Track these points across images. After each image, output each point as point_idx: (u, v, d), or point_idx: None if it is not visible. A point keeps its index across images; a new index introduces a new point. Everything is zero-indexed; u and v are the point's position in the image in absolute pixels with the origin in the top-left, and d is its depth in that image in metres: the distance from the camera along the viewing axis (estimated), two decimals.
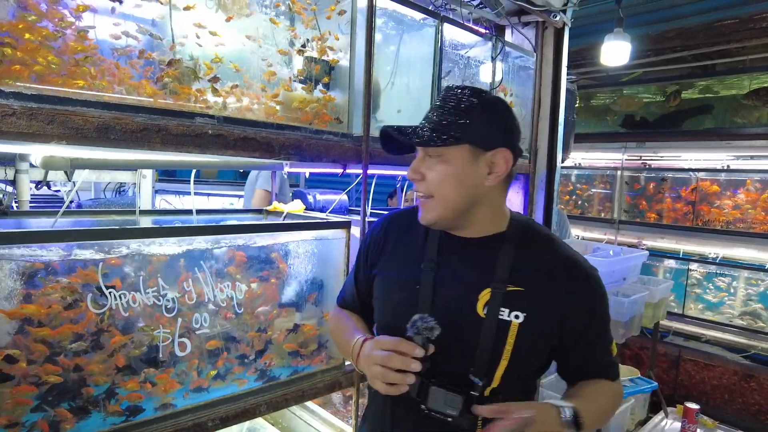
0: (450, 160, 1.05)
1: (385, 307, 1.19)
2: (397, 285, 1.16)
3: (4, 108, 1.07)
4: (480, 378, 1.03)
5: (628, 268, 2.57)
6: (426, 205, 1.08)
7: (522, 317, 1.04)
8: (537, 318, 1.05)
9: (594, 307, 1.11)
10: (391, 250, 1.21)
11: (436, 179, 1.06)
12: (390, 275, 1.19)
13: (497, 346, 1.04)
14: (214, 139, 1.40)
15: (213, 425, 1.46)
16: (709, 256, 4.50)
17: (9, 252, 1.11)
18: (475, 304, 1.07)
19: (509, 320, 1.04)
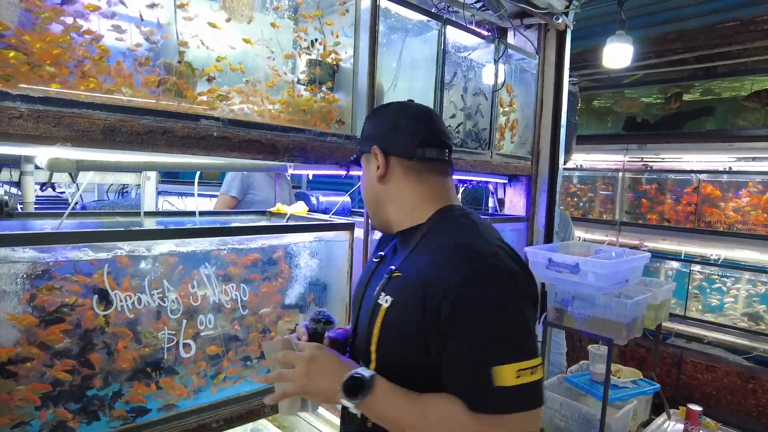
0: (367, 166, 1.17)
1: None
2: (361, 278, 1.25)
3: (11, 110, 1.08)
4: (364, 360, 1.06)
5: (630, 269, 2.57)
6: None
7: (390, 301, 1.02)
8: (402, 301, 0.99)
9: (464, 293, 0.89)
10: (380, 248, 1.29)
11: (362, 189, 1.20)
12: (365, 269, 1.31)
13: (370, 329, 1.04)
14: (219, 141, 1.40)
15: (217, 426, 1.46)
16: (711, 258, 4.50)
17: (15, 254, 1.12)
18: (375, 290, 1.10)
19: (381, 303, 1.03)
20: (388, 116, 1.15)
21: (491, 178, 2.70)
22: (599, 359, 2.44)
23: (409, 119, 1.12)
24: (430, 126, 1.12)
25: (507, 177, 2.76)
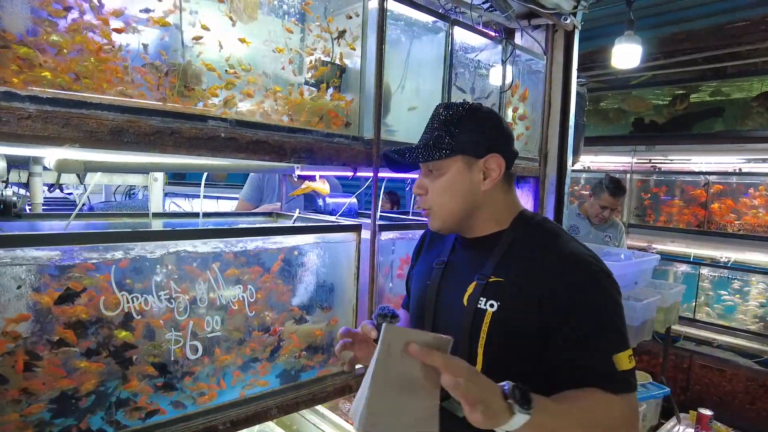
0: (446, 173, 1.13)
1: (411, 301, 1.34)
2: (420, 281, 1.29)
3: (20, 111, 1.08)
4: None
5: (639, 272, 2.55)
6: (429, 216, 1.19)
7: (496, 306, 1.05)
8: (511, 305, 1.04)
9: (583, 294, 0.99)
10: (424, 251, 1.36)
11: (434, 192, 1.15)
12: (418, 273, 1.33)
13: (474, 335, 1.07)
14: (227, 143, 1.40)
15: (224, 428, 1.45)
16: (720, 260, 4.46)
17: (23, 254, 1.12)
18: (462, 296, 1.12)
19: (485, 309, 1.06)
20: (494, 121, 1.15)
21: None
22: None
23: (504, 125, 1.18)
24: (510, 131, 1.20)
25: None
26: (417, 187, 1.19)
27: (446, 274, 1.20)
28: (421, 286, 1.26)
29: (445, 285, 1.19)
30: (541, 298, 1.01)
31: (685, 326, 4.13)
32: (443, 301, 1.18)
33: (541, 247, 1.09)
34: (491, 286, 1.08)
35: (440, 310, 1.18)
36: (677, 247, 4.71)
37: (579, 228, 3.61)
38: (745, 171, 4.44)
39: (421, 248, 1.39)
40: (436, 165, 1.14)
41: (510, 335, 1.04)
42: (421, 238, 1.44)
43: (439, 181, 1.14)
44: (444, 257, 1.23)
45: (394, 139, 1.89)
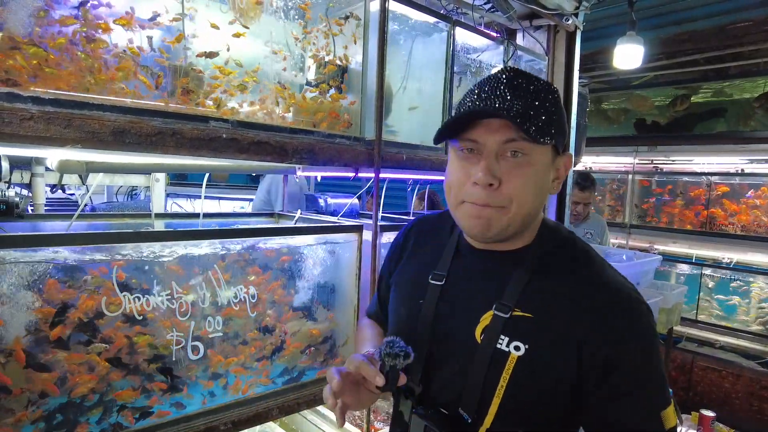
0: (535, 162, 0.85)
1: (393, 321, 1.07)
2: (405, 298, 1.04)
3: (22, 112, 1.08)
4: (470, 414, 0.87)
5: (641, 272, 2.55)
6: (494, 216, 0.86)
7: (523, 349, 0.84)
8: (543, 352, 0.84)
9: (634, 341, 0.82)
10: (407, 257, 1.09)
11: (519, 185, 0.84)
12: (401, 285, 1.07)
13: (490, 380, 0.85)
14: (228, 143, 1.40)
15: (225, 429, 1.46)
16: (722, 261, 4.45)
17: (25, 255, 1.12)
18: (474, 328, 0.89)
19: (507, 351, 0.85)
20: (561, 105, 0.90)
21: None
22: None
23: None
24: None
25: None
26: (489, 176, 0.83)
27: (446, 293, 0.96)
28: (408, 303, 1.01)
29: (444, 307, 0.95)
30: (581, 343, 0.82)
31: (687, 327, 4.12)
32: (441, 329, 0.94)
33: (576, 274, 0.89)
34: (516, 322, 0.86)
35: (437, 339, 0.93)
36: (679, 248, 4.70)
37: None
38: (747, 172, 4.43)
39: (404, 248, 1.11)
40: (525, 147, 0.83)
41: (539, 387, 0.85)
42: (403, 234, 1.14)
43: (527, 171, 0.84)
44: (443, 270, 0.97)
45: (395, 140, 1.89)
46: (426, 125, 2.06)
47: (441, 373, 0.92)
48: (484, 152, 0.85)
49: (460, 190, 0.88)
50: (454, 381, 0.91)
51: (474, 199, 0.86)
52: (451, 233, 1.03)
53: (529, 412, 0.86)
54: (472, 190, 0.86)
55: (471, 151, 0.87)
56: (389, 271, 1.14)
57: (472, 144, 0.86)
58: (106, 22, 1.22)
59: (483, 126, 0.84)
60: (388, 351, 0.85)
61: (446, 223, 1.06)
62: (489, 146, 0.84)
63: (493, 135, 0.84)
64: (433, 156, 2.02)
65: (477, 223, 0.87)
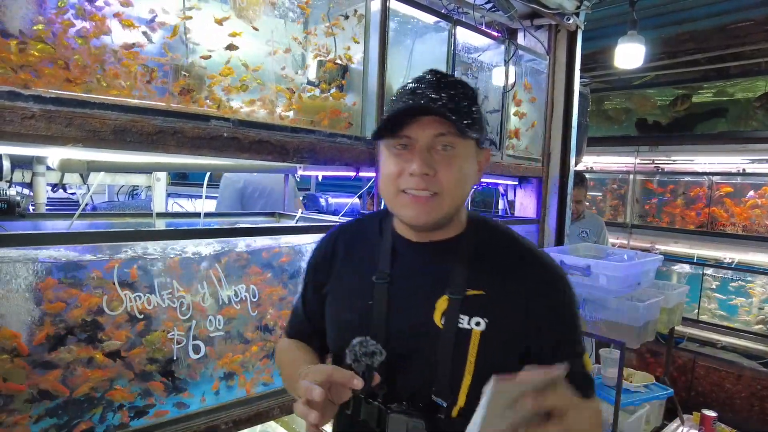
0: (462, 155, 0.93)
1: (336, 329, 1.05)
2: (348, 303, 1.03)
3: (24, 111, 1.08)
4: (444, 398, 0.91)
5: (642, 272, 2.54)
6: (429, 204, 0.92)
7: (483, 324, 0.92)
8: (501, 322, 0.92)
9: (562, 307, 0.97)
10: (340, 265, 1.07)
11: (450, 175, 0.91)
12: (340, 293, 1.06)
13: (457, 359, 0.91)
14: (229, 142, 1.40)
15: (226, 428, 1.45)
16: (724, 261, 4.44)
17: (27, 253, 1.12)
18: (432, 315, 0.94)
19: (469, 328, 0.91)
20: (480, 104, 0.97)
21: (501, 179, 2.68)
22: (611, 363, 2.41)
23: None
24: None
25: (517, 179, 2.74)
26: (426, 166, 0.90)
27: (394, 291, 0.98)
28: (354, 307, 1.00)
29: (396, 304, 0.97)
30: (527, 317, 0.93)
31: (688, 327, 4.11)
32: (397, 325, 0.96)
33: (507, 252, 0.99)
34: (471, 301, 0.93)
35: (394, 334, 0.95)
36: (681, 248, 4.69)
37: None
38: (749, 171, 4.42)
39: (334, 257, 1.09)
40: (454, 141, 0.91)
41: (504, 356, 0.93)
42: (329, 244, 1.11)
43: (456, 161, 0.92)
44: (385, 269, 1.00)
45: None
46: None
47: (405, 369, 0.94)
48: (416, 147, 0.92)
49: (396, 182, 0.94)
50: (422, 372, 0.93)
51: (412, 187, 0.92)
52: (381, 235, 1.05)
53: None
54: (409, 180, 0.92)
55: (404, 147, 0.93)
56: (319, 282, 1.10)
57: (405, 140, 0.92)
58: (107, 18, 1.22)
59: (415, 123, 0.91)
60: (364, 350, 0.85)
61: (371, 227, 1.08)
62: (422, 141, 0.91)
63: (425, 130, 0.91)
64: None
65: (417, 209, 0.93)
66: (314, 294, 1.11)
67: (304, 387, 0.80)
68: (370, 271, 1.01)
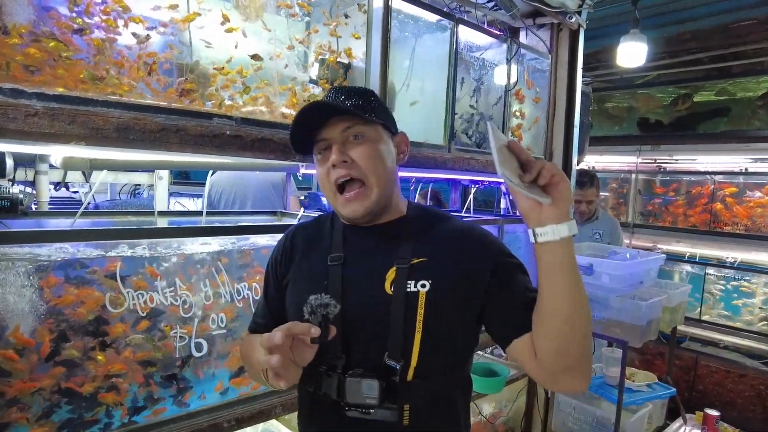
0: (373, 139, 1.05)
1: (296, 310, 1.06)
2: (306, 285, 1.10)
3: (27, 108, 1.09)
4: (397, 360, 0.99)
5: (645, 271, 2.54)
6: (360, 194, 1.04)
7: (428, 285, 1.02)
8: (443, 282, 1.03)
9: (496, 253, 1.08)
10: (299, 258, 1.16)
11: (365, 157, 1.03)
12: (300, 279, 1.14)
13: (408, 320, 1.00)
14: (232, 140, 1.40)
15: (229, 426, 1.45)
16: (726, 261, 4.43)
17: (29, 251, 1.12)
18: (383, 285, 1.03)
19: (416, 290, 1.01)
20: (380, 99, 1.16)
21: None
22: (613, 362, 2.41)
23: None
24: None
25: None
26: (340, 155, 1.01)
27: (348, 270, 1.07)
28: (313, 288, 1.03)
29: (350, 281, 1.06)
30: (469, 275, 1.04)
31: (691, 327, 4.10)
32: (352, 299, 1.03)
33: (445, 225, 1.12)
34: (416, 268, 1.03)
35: (349, 308, 1.02)
36: (683, 248, 4.68)
37: None
38: (751, 171, 4.41)
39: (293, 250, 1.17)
40: (361, 130, 1.04)
41: (448, 311, 1.03)
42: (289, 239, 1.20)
43: (369, 146, 1.04)
44: (338, 252, 1.09)
45: None
46: (429, 122, 2.06)
47: (360, 338, 1.03)
48: (332, 145, 1.04)
49: (327, 180, 1.06)
50: (377, 339, 1.02)
51: (338, 176, 1.03)
52: (332, 228, 1.17)
53: (445, 343, 1.04)
54: (334, 173, 1.03)
55: (325, 150, 1.05)
56: (280, 274, 1.18)
57: (323, 143, 1.05)
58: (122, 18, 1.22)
59: (327, 127, 1.04)
60: (319, 302, 0.91)
61: (324, 223, 1.20)
62: (334, 137, 1.04)
63: (335, 128, 1.03)
64: (437, 154, 2.02)
65: (351, 204, 1.05)
66: (275, 289, 1.18)
67: (265, 339, 0.87)
68: (326, 257, 1.10)
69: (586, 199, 3.37)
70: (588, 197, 3.37)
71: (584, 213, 3.43)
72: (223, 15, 1.41)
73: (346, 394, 0.98)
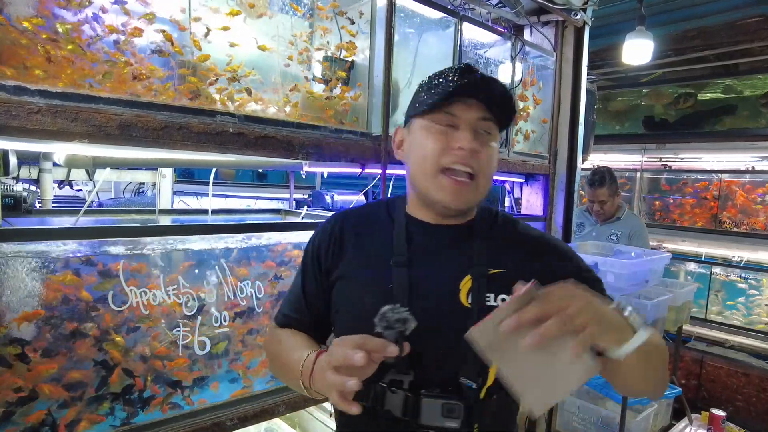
0: (494, 140, 0.97)
1: (353, 316, 1.00)
2: (367, 287, 0.99)
3: (30, 105, 1.08)
4: (473, 379, 0.90)
5: (650, 270, 2.52)
6: (467, 188, 0.94)
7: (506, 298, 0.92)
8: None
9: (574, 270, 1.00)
10: (352, 251, 1.03)
11: (488, 157, 0.94)
12: (357, 278, 1.01)
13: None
14: (235, 138, 1.40)
15: (231, 425, 1.45)
16: (732, 260, 4.40)
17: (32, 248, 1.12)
18: (458, 294, 0.94)
19: (496, 305, 0.93)
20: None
21: (508, 176, 2.66)
22: None
23: None
24: None
25: (524, 176, 2.73)
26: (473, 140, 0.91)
27: (414, 274, 0.97)
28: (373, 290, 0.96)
29: (417, 285, 0.95)
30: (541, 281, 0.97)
31: (696, 326, 4.08)
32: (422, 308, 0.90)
33: (517, 232, 1.06)
34: (494, 279, 0.94)
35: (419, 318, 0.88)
36: (689, 247, 4.65)
37: (584, 225, 3.47)
38: (758, 169, 4.38)
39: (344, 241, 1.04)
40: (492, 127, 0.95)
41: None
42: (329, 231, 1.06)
43: (492, 149, 0.95)
44: (402, 254, 0.98)
45: None
46: None
47: (430, 352, 0.92)
48: (461, 126, 0.93)
49: (439, 157, 0.93)
50: (450, 354, 0.92)
51: (457, 161, 0.92)
52: (392, 221, 1.04)
53: None
54: (455, 155, 0.92)
55: (448, 126, 0.93)
56: (324, 268, 1.04)
57: (449, 119, 0.93)
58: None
59: (460, 103, 0.92)
60: (397, 316, 0.80)
61: (377, 213, 1.07)
62: (468, 120, 0.92)
63: (471, 111, 0.92)
64: None
65: (456, 192, 0.94)
66: (318, 282, 1.05)
67: (340, 355, 0.78)
68: (385, 255, 0.99)
69: (598, 200, 3.25)
70: (599, 197, 3.24)
71: (600, 213, 3.30)
72: (232, 10, 1.40)
73: (422, 415, 0.89)
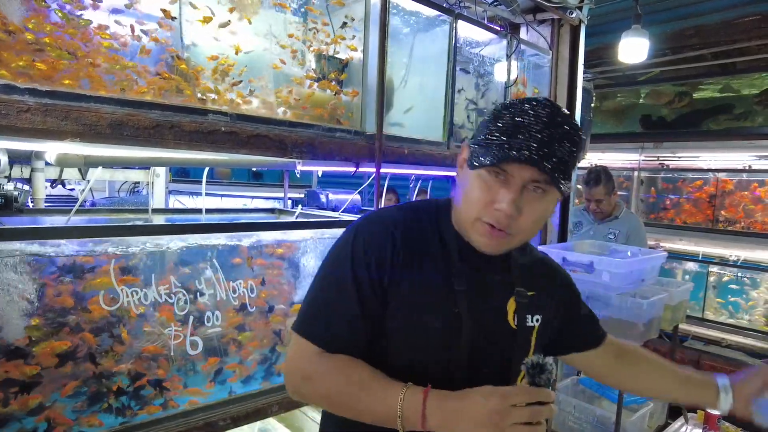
0: (549, 200, 0.92)
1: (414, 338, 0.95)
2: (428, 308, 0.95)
3: (19, 104, 1.08)
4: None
5: (646, 269, 2.51)
6: (503, 239, 0.92)
7: (540, 319, 1.05)
8: (548, 316, 1.08)
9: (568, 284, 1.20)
10: (402, 261, 0.95)
11: (531, 218, 0.91)
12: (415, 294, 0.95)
13: (521, 353, 1.00)
14: (227, 137, 1.39)
15: (224, 425, 1.44)
16: (729, 259, 4.40)
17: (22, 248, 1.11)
18: (506, 316, 1.01)
19: (532, 325, 1.04)
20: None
21: None
22: None
23: None
24: None
25: None
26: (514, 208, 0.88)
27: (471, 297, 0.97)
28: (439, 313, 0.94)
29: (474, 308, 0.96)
30: (561, 307, 1.12)
31: (693, 325, 4.08)
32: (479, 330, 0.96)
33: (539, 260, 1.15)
34: (530, 301, 1.03)
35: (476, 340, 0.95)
36: (686, 246, 4.66)
37: (582, 224, 3.46)
38: (755, 168, 4.38)
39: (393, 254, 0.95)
40: (546, 187, 0.89)
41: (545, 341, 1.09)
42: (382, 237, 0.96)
43: (540, 205, 0.91)
44: (462, 276, 0.96)
45: (396, 134, 1.87)
46: (429, 119, 2.05)
47: (483, 373, 0.96)
48: (511, 183, 0.89)
49: (480, 210, 0.91)
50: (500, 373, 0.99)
51: (494, 221, 0.90)
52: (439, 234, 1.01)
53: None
54: (494, 214, 0.90)
55: (500, 180, 0.90)
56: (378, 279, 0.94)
57: (502, 174, 0.90)
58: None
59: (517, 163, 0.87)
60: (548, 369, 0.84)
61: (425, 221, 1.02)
62: (517, 180, 0.89)
63: (523, 171, 0.88)
64: (435, 151, 2.00)
65: (490, 240, 0.93)
66: (373, 293, 0.94)
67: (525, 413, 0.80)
68: (442, 272, 0.96)
69: (594, 198, 3.24)
70: (596, 196, 3.23)
71: (596, 212, 3.30)
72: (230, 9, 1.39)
73: None
